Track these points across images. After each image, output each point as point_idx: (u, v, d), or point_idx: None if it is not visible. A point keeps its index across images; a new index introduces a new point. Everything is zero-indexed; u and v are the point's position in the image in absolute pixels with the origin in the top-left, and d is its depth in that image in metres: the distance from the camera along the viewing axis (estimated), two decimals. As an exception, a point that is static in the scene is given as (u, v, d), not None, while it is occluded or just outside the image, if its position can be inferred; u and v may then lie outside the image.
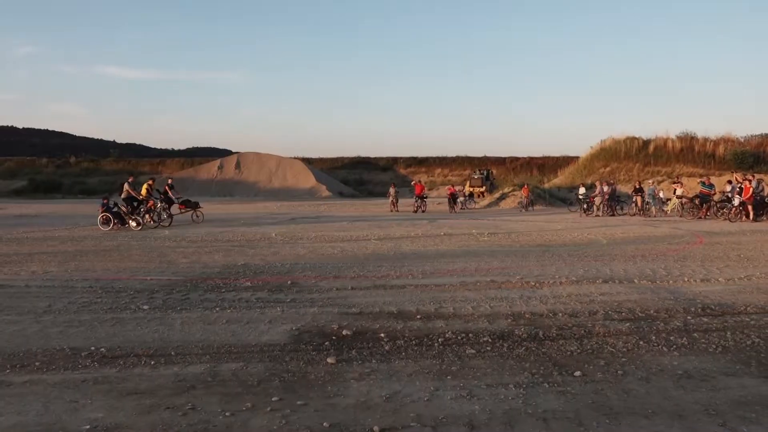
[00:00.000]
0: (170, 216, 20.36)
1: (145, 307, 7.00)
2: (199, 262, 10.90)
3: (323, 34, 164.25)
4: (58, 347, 5.37)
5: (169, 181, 21.32)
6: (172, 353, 5.20)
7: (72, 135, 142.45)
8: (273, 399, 4.09)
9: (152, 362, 4.95)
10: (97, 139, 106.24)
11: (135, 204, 19.06)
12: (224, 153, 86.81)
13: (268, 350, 5.29)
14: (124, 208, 18.84)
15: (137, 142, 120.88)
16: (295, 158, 70.27)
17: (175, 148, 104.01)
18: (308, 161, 72.26)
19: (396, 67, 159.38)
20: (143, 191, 19.46)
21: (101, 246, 13.67)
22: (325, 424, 3.65)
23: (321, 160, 77.89)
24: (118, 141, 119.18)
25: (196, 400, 4.07)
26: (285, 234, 16.67)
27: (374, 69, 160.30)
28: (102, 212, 18.40)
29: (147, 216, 19.24)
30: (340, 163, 76.77)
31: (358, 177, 72.23)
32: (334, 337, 5.69)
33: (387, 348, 5.34)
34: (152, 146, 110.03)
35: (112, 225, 18.11)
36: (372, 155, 78.08)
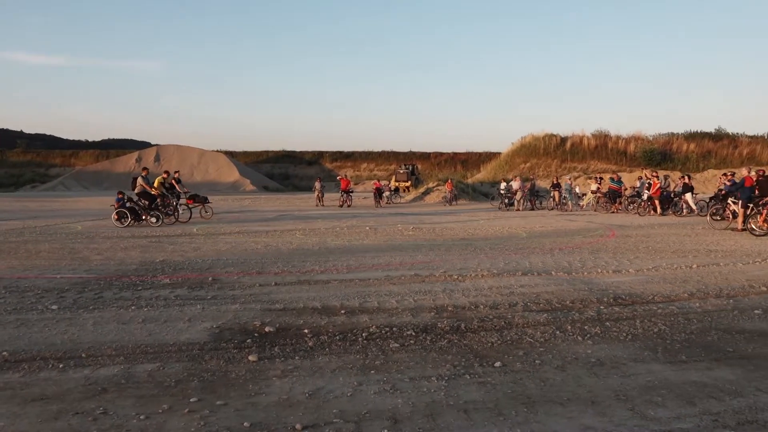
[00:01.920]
0: (189, 211, 19.51)
1: (54, 307, 6.62)
2: (113, 258, 10.43)
3: (247, 25, 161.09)
4: (-46, 352, 4.99)
5: (176, 174, 19.92)
6: (83, 355, 4.94)
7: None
8: (191, 400, 3.95)
9: (60, 365, 4.68)
10: (2, 129, 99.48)
11: (151, 199, 18.05)
12: (143, 145, 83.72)
13: (186, 349, 5.11)
14: (142, 204, 17.83)
15: (47, 133, 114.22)
16: (218, 151, 68.65)
17: (90, 140, 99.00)
18: (232, 154, 70.78)
19: (321, 61, 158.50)
20: (155, 186, 18.39)
21: (6, 243, 12.84)
22: (245, 424, 3.56)
23: (245, 153, 76.45)
24: (26, 131, 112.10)
25: (108, 404, 3.87)
26: (206, 229, 16.23)
27: (299, 62, 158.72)
28: (117, 208, 17.41)
29: (164, 211, 18.31)
30: (265, 157, 75.62)
31: (283, 171, 71.44)
32: (256, 334, 5.58)
33: (310, 344, 5.28)
34: (64, 137, 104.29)
35: (129, 221, 17.14)
36: (297, 149, 77.36)
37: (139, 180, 18.19)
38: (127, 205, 17.47)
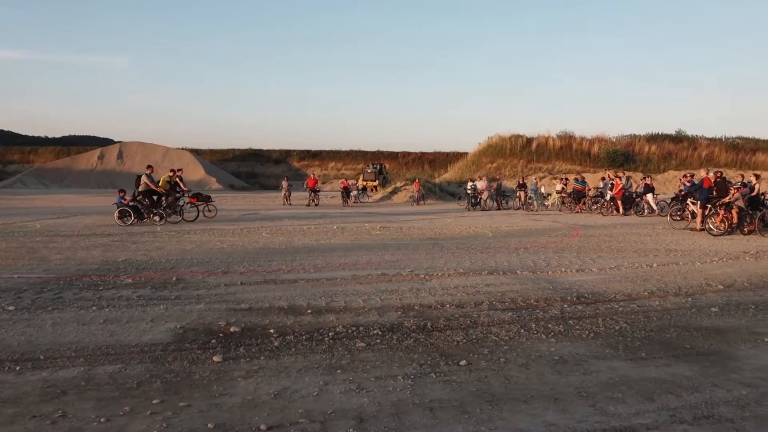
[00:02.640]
0: (197, 209, 19.17)
1: (11, 308, 6.44)
2: (74, 258, 10.19)
3: (214, 22, 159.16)
4: None
5: (179, 172, 19.37)
6: (41, 357, 4.81)
7: None
8: (153, 402, 3.89)
9: (17, 368, 4.55)
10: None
11: (156, 197, 17.59)
12: (105, 142, 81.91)
13: (149, 350, 5.03)
14: (146, 202, 17.38)
15: (5, 129, 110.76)
16: (182, 149, 67.65)
17: (50, 136, 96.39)
18: (197, 152, 69.87)
19: (289, 60, 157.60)
20: (161, 183, 17.95)
21: (-40, 241, 12.44)
22: (209, 425, 3.52)
23: (211, 151, 75.55)
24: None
25: (67, 407, 3.79)
26: (170, 227, 15.97)
27: (267, 60, 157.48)
28: (119, 206, 17.03)
29: (169, 210, 17.89)
30: (231, 155, 74.86)
31: (249, 169, 70.82)
32: (221, 335, 5.51)
33: (276, 344, 5.25)
34: (23, 133, 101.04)
35: (131, 220, 16.77)
36: (265, 147, 76.71)
37: (144, 178, 17.74)
38: (131, 204, 17.17)
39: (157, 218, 17.35)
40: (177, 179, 18.72)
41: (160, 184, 17.92)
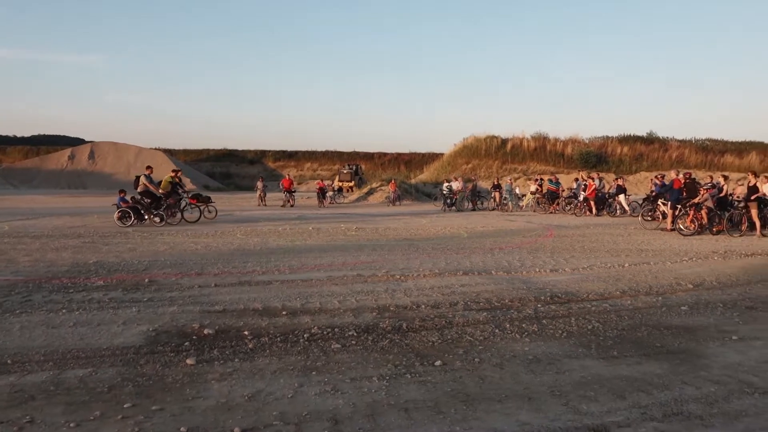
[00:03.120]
0: (198, 210, 18.90)
1: (-23, 311, 6.29)
2: (43, 260, 9.99)
3: (188, 21, 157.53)
4: None
5: (179, 173, 19.00)
6: (9, 361, 4.71)
7: None
8: (125, 406, 3.83)
9: (-16, 373, 4.45)
10: None
11: (155, 199, 17.26)
12: (76, 141, 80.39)
13: (120, 354, 4.95)
14: (144, 203, 17.08)
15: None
16: (156, 149, 66.81)
17: (18, 135, 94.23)
18: (171, 152, 69.05)
19: (265, 60, 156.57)
20: (163, 184, 17.64)
21: (-75, 243, 12.12)
22: (182, 429, 3.48)
23: (185, 151, 74.72)
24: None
25: (35, 412, 3.71)
26: (143, 229, 15.76)
27: (241, 59, 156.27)
28: (119, 207, 16.78)
29: (170, 211, 17.63)
30: (206, 155, 74.15)
31: (224, 170, 70.23)
32: (194, 337, 5.46)
33: (251, 346, 5.21)
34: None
35: (132, 221, 16.53)
36: (239, 148, 76.11)
37: (142, 178, 17.45)
38: (132, 205, 16.94)
39: (157, 219, 17.15)
40: (178, 180, 18.47)
41: (162, 184, 17.72)
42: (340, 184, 43.98)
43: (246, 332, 5.62)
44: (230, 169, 71.14)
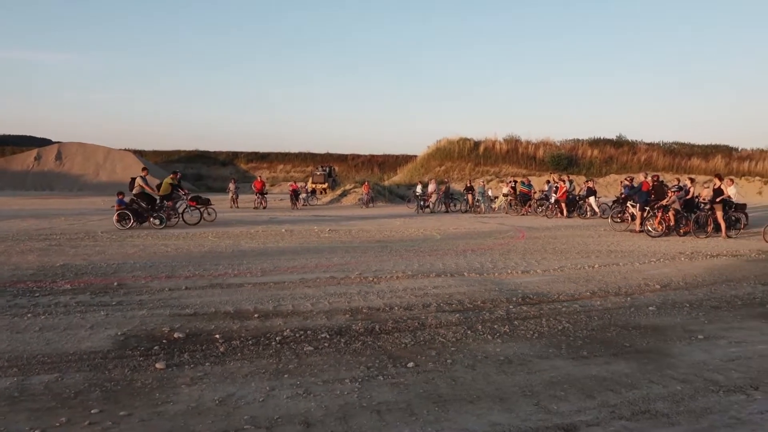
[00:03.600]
0: (199, 212, 18.58)
1: (-62, 316, 6.12)
2: (8, 263, 9.75)
3: (159, 20, 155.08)
4: None
5: (178, 176, 18.60)
6: (-29, 368, 4.59)
7: None
8: (92, 411, 3.76)
9: (-56, 379, 4.33)
10: None
11: (150, 201, 16.93)
12: (43, 142, 78.59)
13: (88, 358, 4.86)
14: (141, 205, 16.79)
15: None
16: (125, 150, 65.77)
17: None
18: (141, 153, 68.04)
19: (237, 60, 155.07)
20: (164, 187, 17.36)
21: None
22: (151, 434, 3.43)
23: (155, 152, 73.61)
24: None
25: (-2, 419, 3.62)
26: (112, 231, 15.48)
27: (214, 60, 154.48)
28: (118, 209, 16.41)
29: (170, 213, 17.35)
30: (177, 157, 73.16)
31: (196, 171, 69.41)
32: (164, 341, 5.38)
33: (222, 349, 5.16)
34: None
35: (131, 223, 16.26)
36: (211, 149, 75.29)
37: (138, 180, 17.15)
38: (132, 207, 16.68)
39: (157, 222, 16.91)
40: (177, 182, 18.26)
41: (162, 187, 17.53)
42: (314, 185, 43.74)
43: (217, 335, 5.56)
44: (202, 170, 70.32)
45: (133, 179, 17.47)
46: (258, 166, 70.88)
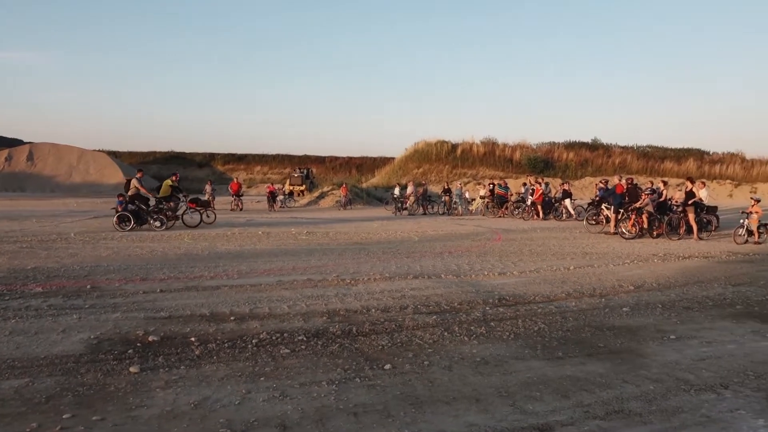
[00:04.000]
0: (199, 214, 18.38)
1: None
2: (-23, 266, 9.55)
3: (132, 20, 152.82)
4: None
5: (176, 177, 18.38)
6: (-62, 373, 4.48)
7: None
8: (64, 416, 3.70)
9: None
10: None
11: (145, 202, 16.78)
12: (14, 143, 77.07)
13: (60, 363, 4.78)
14: (144, 207, 16.68)
15: None
16: (99, 151, 64.80)
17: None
18: (115, 155, 67.13)
19: (213, 61, 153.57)
20: (164, 189, 17.27)
21: None
22: (124, 439, 3.39)
23: (130, 153, 72.68)
24: None
25: (-34, 426, 3.54)
26: (86, 233, 15.22)
27: (188, 58, 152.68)
28: (118, 211, 16.27)
29: (170, 214, 17.18)
30: (152, 158, 72.29)
31: (171, 173, 68.57)
32: (138, 344, 5.31)
33: (197, 353, 5.11)
34: None
35: (131, 225, 16.10)
36: (187, 150, 74.52)
37: (134, 182, 16.96)
38: (133, 208, 16.51)
39: (158, 224, 16.77)
40: (176, 184, 18.19)
41: (162, 189, 17.48)
42: (291, 187, 43.53)
43: (192, 338, 5.51)
44: (178, 172, 69.68)
45: (129, 181, 17.37)
46: (235, 168, 70.40)
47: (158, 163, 70.84)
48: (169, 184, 17.72)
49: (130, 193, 16.96)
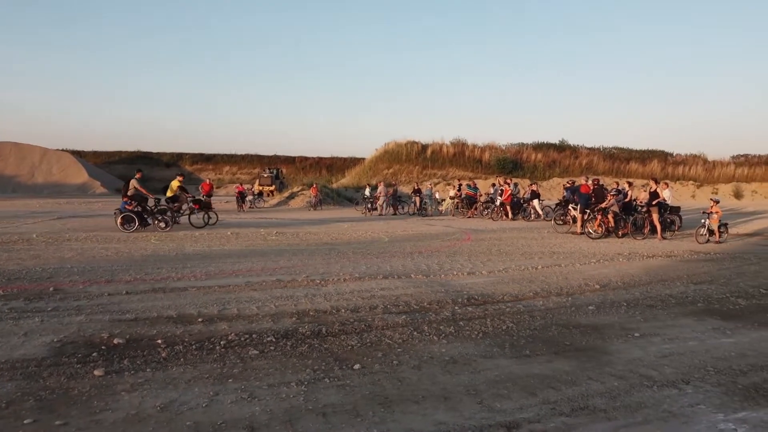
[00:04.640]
0: (204, 215, 18.27)
1: None
2: (-66, 268, 9.26)
3: (99, 18, 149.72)
4: None
5: (182, 177, 17.94)
6: None
7: None
8: (25, 422, 3.61)
9: None
10: None
11: (145, 203, 16.56)
12: (-27, 142, 75.02)
13: (21, 367, 4.66)
14: (148, 208, 16.51)
15: None
16: (63, 150, 63.39)
17: None
18: (80, 154, 65.74)
19: (181, 61, 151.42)
20: (171, 190, 17.32)
21: None
22: (88, 443, 3.32)
23: (95, 153, 71.31)
24: None
25: None
26: (48, 234, 14.87)
27: (154, 56, 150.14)
28: (125, 210, 16.01)
29: (175, 215, 17.07)
30: (118, 158, 71.07)
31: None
32: (103, 347, 5.22)
33: (164, 355, 5.04)
34: None
35: (135, 226, 15.87)
36: (154, 150, 73.37)
37: (133, 182, 16.66)
38: (137, 209, 16.26)
39: (162, 224, 16.60)
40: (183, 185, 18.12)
41: (170, 189, 17.54)
42: (261, 188, 43.21)
43: (159, 341, 5.43)
44: (144, 171, 68.53)
45: (128, 181, 17.16)
46: (203, 168, 69.67)
47: (124, 162, 69.68)
48: (177, 185, 17.76)
49: (129, 193, 16.73)
